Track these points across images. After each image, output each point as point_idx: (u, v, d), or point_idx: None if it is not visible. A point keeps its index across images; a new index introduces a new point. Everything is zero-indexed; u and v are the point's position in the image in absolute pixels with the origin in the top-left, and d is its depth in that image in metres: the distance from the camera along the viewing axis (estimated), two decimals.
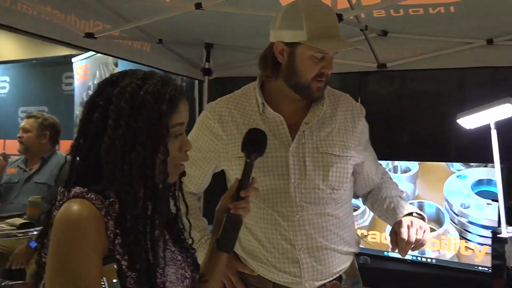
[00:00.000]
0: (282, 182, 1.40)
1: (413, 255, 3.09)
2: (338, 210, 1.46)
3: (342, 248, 1.46)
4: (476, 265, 2.86)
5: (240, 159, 1.39)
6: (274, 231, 1.41)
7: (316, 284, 1.42)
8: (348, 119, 1.50)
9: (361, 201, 1.69)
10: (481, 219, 2.67)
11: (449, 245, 2.96)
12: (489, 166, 2.68)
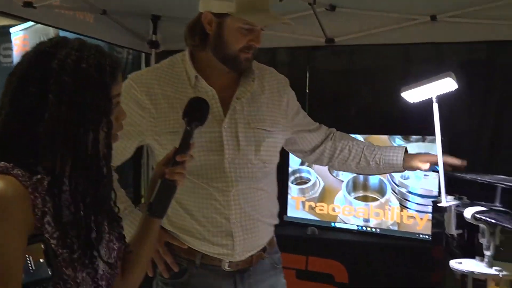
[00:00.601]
0: (217, 158, 1.41)
1: (358, 225, 3.19)
2: (268, 183, 1.51)
3: (270, 221, 1.52)
4: (418, 233, 2.99)
5: (171, 134, 1.39)
6: (209, 206, 1.42)
7: (245, 256, 1.46)
8: (275, 94, 1.54)
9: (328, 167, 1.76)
10: (419, 189, 2.86)
11: (392, 215, 3.08)
12: (427, 141, 2.88)
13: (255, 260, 1.49)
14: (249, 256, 1.47)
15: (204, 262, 1.46)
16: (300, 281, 3.17)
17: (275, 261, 1.56)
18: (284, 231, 3.32)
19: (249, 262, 1.48)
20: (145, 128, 1.44)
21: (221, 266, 1.45)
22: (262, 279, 1.50)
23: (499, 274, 1.13)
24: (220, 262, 1.45)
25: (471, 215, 1.18)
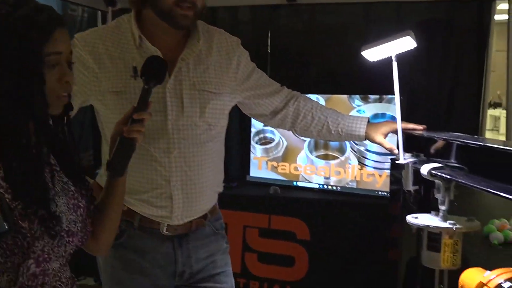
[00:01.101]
0: (160, 119, 1.39)
1: (319, 183, 3.25)
2: (213, 148, 1.49)
3: (213, 187, 1.52)
4: (377, 190, 3.08)
5: (115, 94, 1.37)
6: (150, 167, 1.41)
7: (184, 220, 1.46)
8: (223, 56, 1.51)
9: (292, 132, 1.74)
10: (375, 146, 2.93)
11: (352, 173, 3.15)
12: (384, 101, 2.96)
13: (195, 226, 1.49)
14: (188, 222, 1.47)
15: (143, 225, 1.45)
16: (263, 239, 3.23)
17: (217, 227, 1.57)
18: (247, 191, 3.38)
19: (188, 227, 1.48)
20: (89, 88, 1.41)
21: (160, 229, 1.45)
22: (202, 244, 1.51)
23: (453, 227, 1.17)
24: (158, 225, 1.45)
25: (427, 171, 1.21)
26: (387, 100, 2.98)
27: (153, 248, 1.47)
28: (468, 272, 1.07)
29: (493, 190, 0.96)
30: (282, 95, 1.65)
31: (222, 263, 1.57)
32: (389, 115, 2.93)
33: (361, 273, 3.04)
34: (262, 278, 3.25)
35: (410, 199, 1.44)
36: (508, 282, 0.92)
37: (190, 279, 1.52)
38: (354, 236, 3.06)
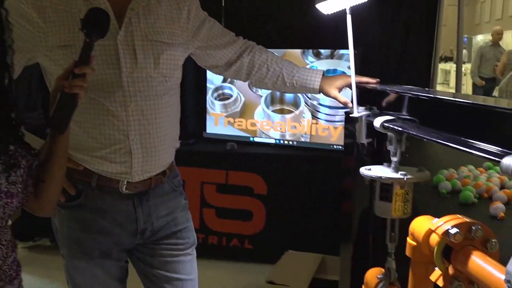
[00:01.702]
0: (113, 72, 1.35)
1: (276, 139, 3.28)
2: (170, 101, 1.47)
3: (170, 142, 1.50)
4: (331, 144, 3.14)
5: (63, 48, 1.32)
6: (107, 122, 1.38)
7: (144, 176, 1.45)
8: (173, 6, 1.48)
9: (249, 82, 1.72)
10: (328, 101, 3.04)
11: (308, 128, 3.19)
12: (335, 57, 3.04)
13: (154, 184, 1.48)
14: (148, 178, 1.46)
15: (101, 184, 1.43)
16: (220, 195, 3.26)
17: (175, 184, 1.56)
18: (204, 148, 3.38)
19: (148, 185, 1.46)
20: (34, 44, 1.34)
21: (119, 188, 1.43)
22: (161, 202, 1.50)
23: (404, 178, 1.21)
24: (117, 184, 1.43)
25: (380, 124, 1.23)
26: (338, 57, 3.05)
27: (112, 207, 1.45)
28: (417, 220, 1.11)
29: (442, 141, 0.99)
30: (236, 46, 1.63)
31: (183, 219, 1.58)
32: (340, 70, 3.00)
33: (317, 224, 3.12)
34: (220, 233, 3.30)
35: (363, 152, 1.47)
36: (454, 228, 0.95)
37: (151, 237, 1.52)
38: (309, 190, 3.13)
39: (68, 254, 1.48)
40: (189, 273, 1.57)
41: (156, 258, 1.54)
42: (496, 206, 1.65)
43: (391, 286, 1.31)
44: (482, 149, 0.88)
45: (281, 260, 2.83)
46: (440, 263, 0.99)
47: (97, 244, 1.46)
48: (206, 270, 3.09)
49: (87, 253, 1.46)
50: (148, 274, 1.55)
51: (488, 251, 0.96)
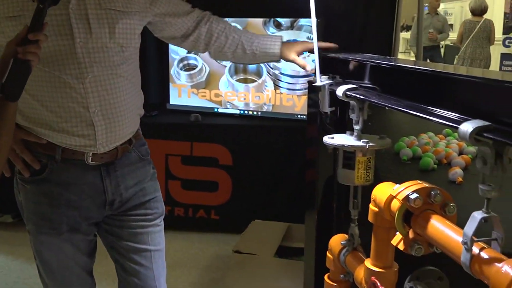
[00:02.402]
0: (67, 43, 1.31)
1: (240, 109, 3.27)
2: (128, 70, 1.44)
3: (133, 110, 1.47)
4: (296, 114, 3.15)
5: (12, 19, 1.27)
6: (65, 95, 1.34)
7: (110, 147, 1.43)
8: None
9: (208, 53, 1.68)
10: (289, 70, 3.10)
11: (273, 98, 3.19)
12: (295, 28, 3.08)
13: (120, 153, 1.46)
14: (114, 149, 1.44)
15: (65, 157, 1.40)
16: (185, 167, 3.25)
17: (142, 153, 1.54)
18: (167, 119, 3.34)
19: (114, 155, 1.44)
20: None
21: (84, 159, 1.40)
22: (129, 171, 1.49)
23: (366, 145, 1.22)
24: (83, 156, 1.40)
25: (342, 92, 1.23)
26: (298, 28, 3.09)
27: (79, 180, 1.43)
28: (379, 187, 1.13)
29: (403, 108, 1.01)
30: (193, 16, 1.60)
31: (152, 189, 1.57)
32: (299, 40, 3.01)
33: (282, 194, 3.16)
34: (186, 205, 3.30)
35: (326, 121, 1.48)
36: (414, 194, 0.98)
37: (120, 208, 1.50)
38: (275, 159, 3.15)
39: (35, 230, 1.46)
40: (157, 244, 1.57)
41: (125, 229, 1.53)
42: (454, 172, 1.70)
43: (354, 251, 1.35)
44: (440, 115, 0.90)
45: (247, 229, 2.86)
46: (401, 228, 1.01)
47: (65, 218, 1.44)
48: (173, 242, 3.12)
49: (55, 228, 1.44)
50: (115, 246, 1.55)
51: (447, 214, 0.99)
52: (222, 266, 2.85)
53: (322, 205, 1.63)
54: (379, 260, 1.16)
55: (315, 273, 1.64)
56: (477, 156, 0.79)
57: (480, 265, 0.79)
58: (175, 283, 2.69)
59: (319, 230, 1.63)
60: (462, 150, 2.00)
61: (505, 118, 0.76)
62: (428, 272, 1.02)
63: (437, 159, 1.88)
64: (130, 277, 1.55)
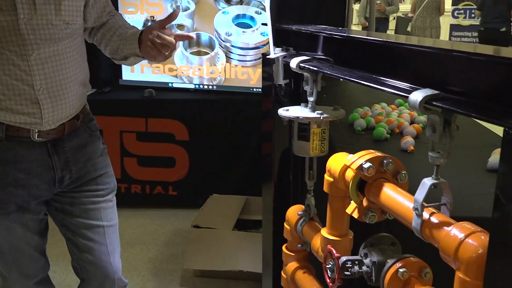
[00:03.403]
0: (10, 19, 1.27)
1: (195, 84, 3.24)
2: (74, 47, 1.40)
3: (79, 86, 1.44)
4: (251, 87, 3.15)
5: None
6: (8, 72, 1.30)
7: (56, 124, 1.40)
8: None
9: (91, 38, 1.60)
10: (239, 42, 3.14)
11: (228, 72, 3.17)
12: (244, 3, 3.11)
13: (68, 129, 1.43)
14: (61, 125, 1.41)
15: (10, 134, 1.36)
16: (141, 143, 3.20)
17: (91, 128, 1.52)
18: (120, 95, 3.27)
19: (61, 131, 1.41)
20: None
21: (30, 136, 1.37)
22: (78, 147, 1.46)
23: (320, 116, 1.23)
24: (28, 133, 1.36)
25: (296, 64, 1.23)
26: (247, 2, 3.12)
27: (26, 157, 1.39)
28: (334, 157, 1.15)
29: (355, 79, 1.02)
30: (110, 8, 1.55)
31: (102, 164, 1.54)
32: (249, 15, 3.11)
33: (240, 167, 3.17)
34: (143, 181, 3.27)
35: (281, 93, 1.48)
36: (368, 163, 1.00)
37: (71, 185, 1.47)
38: (231, 133, 3.15)
39: None
40: (110, 220, 1.56)
41: (76, 206, 1.50)
42: (406, 141, 1.74)
43: (311, 221, 1.37)
44: (392, 85, 0.91)
45: (206, 204, 2.86)
46: (355, 196, 1.03)
47: (13, 197, 1.39)
48: (131, 219, 3.09)
49: (3, 208, 1.40)
50: (67, 223, 1.52)
51: (399, 182, 1.01)
52: (181, 241, 2.86)
53: (279, 177, 1.64)
54: (335, 229, 1.19)
55: (273, 244, 1.66)
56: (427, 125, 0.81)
57: (430, 230, 0.82)
58: (134, 260, 2.68)
59: (276, 202, 1.65)
60: (414, 120, 2.05)
61: (453, 86, 0.78)
62: (382, 238, 1.05)
63: (389, 129, 1.92)
64: (83, 254, 1.53)
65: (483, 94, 0.73)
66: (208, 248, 2.48)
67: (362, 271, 1.03)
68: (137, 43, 1.45)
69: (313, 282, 1.38)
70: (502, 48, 0.78)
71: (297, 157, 1.43)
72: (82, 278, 1.58)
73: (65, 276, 2.44)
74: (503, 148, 0.62)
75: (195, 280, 2.49)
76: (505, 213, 0.62)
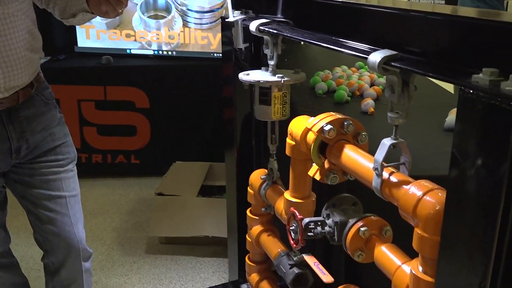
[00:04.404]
0: None
1: (154, 50, 3.17)
2: (22, 8, 1.34)
3: (31, 53, 1.38)
4: (212, 52, 3.11)
5: None
6: None
7: (9, 93, 1.35)
8: None
9: None
10: (195, 6, 3.06)
11: (187, 37, 3.11)
12: None
13: (22, 97, 1.37)
14: (14, 93, 1.36)
15: None
16: (100, 112, 3.13)
17: (46, 97, 1.47)
18: (76, 63, 3.17)
19: (15, 99, 1.36)
20: None
21: None
22: (34, 116, 1.41)
23: (281, 80, 1.23)
24: None
25: (256, 27, 1.22)
26: None
27: None
28: (295, 121, 1.15)
29: (315, 41, 1.01)
30: None
31: (60, 134, 1.50)
32: None
33: (202, 133, 3.15)
34: (104, 151, 3.22)
35: (241, 57, 1.46)
36: (328, 125, 1.01)
37: (28, 155, 1.43)
38: (193, 100, 3.12)
39: None
40: (72, 190, 1.53)
41: (36, 177, 1.47)
42: (366, 103, 1.76)
43: (274, 184, 1.38)
44: (351, 47, 0.91)
45: (169, 171, 2.84)
46: (317, 159, 1.05)
47: None
48: (93, 189, 3.05)
49: None
50: (26, 195, 1.49)
51: (359, 143, 1.03)
52: (145, 210, 2.84)
53: (241, 143, 1.64)
54: (298, 192, 1.20)
55: (237, 209, 1.68)
56: (386, 85, 0.82)
57: (390, 189, 0.84)
58: (98, 230, 2.66)
59: (239, 167, 1.65)
60: (374, 82, 2.07)
61: (412, 47, 0.79)
62: (344, 199, 1.07)
63: (350, 92, 1.93)
64: (45, 226, 1.50)
65: (440, 54, 0.74)
66: (173, 215, 2.48)
67: (325, 231, 1.05)
68: None
69: (277, 244, 1.40)
70: (459, 8, 0.79)
71: (259, 122, 1.43)
72: (46, 250, 1.56)
73: (28, 249, 2.41)
74: (458, 107, 0.63)
75: (161, 247, 2.50)
76: (461, 170, 0.64)
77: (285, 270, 1.29)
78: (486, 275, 0.63)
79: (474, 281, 0.65)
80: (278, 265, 1.32)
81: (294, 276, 1.27)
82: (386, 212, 0.96)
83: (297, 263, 1.28)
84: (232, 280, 1.81)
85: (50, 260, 1.55)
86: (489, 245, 0.62)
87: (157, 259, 2.41)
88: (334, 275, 1.10)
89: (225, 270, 2.27)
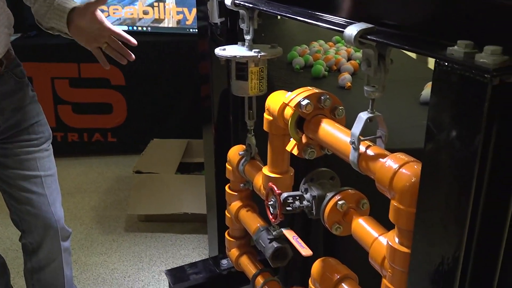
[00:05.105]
0: None
1: (128, 25, 3.11)
2: None
3: (2, 30, 1.35)
4: (188, 28, 3.06)
5: None
6: None
7: None
8: None
9: None
10: None
11: (162, 12, 3.06)
12: None
13: None
14: None
15: None
16: (75, 89, 3.08)
17: (18, 75, 1.43)
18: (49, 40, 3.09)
19: None
20: None
21: None
22: (5, 95, 1.38)
23: (258, 55, 1.22)
24: None
25: (231, 1, 1.20)
26: None
27: None
28: (272, 96, 1.15)
29: (291, 15, 1.00)
30: None
31: (33, 113, 1.47)
32: None
33: (179, 110, 3.13)
34: (80, 129, 3.18)
35: (217, 32, 1.45)
36: (306, 100, 1.00)
37: (1, 135, 1.40)
38: (169, 76, 3.08)
39: None
40: (48, 169, 1.51)
41: (10, 158, 1.44)
42: (344, 77, 1.76)
43: (252, 160, 1.38)
44: (327, 21, 0.90)
45: (147, 149, 2.82)
46: (294, 134, 1.05)
47: None
48: (70, 169, 3.02)
49: None
50: (2, 176, 1.46)
51: (336, 118, 1.03)
52: (123, 188, 2.83)
53: (219, 119, 1.63)
54: (276, 167, 1.20)
55: (216, 185, 1.68)
56: (362, 59, 0.82)
57: (366, 162, 0.85)
58: (76, 209, 2.64)
59: (217, 143, 1.65)
60: (351, 56, 2.07)
61: (388, 20, 0.78)
62: (321, 173, 1.08)
63: (327, 66, 1.93)
64: (22, 206, 1.48)
65: (416, 27, 0.74)
66: (152, 193, 2.47)
67: (303, 205, 1.05)
68: (66, 21, 1.35)
69: (256, 219, 1.41)
70: None
71: (236, 97, 1.43)
72: (23, 230, 1.54)
73: (5, 229, 2.38)
74: (434, 80, 0.63)
75: (140, 225, 2.50)
76: (436, 143, 0.64)
77: (265, 245, 1.30)
78: (460, 245, 0.65)
79: (449, 251, 0.66)
80: (258, 240, 1.33)
81: (273, 250, 1.28)
82: (363, 186, 0.97)
83: (276, 238, 1.29)
84: (212, 256, 1.82)
85: (28, 240, 1.53)
86: (463, 216, 0.63)
87: (137, 237, 2.41)
88: (313, 248, 1.11)
89: (205, 246, 2.28)
